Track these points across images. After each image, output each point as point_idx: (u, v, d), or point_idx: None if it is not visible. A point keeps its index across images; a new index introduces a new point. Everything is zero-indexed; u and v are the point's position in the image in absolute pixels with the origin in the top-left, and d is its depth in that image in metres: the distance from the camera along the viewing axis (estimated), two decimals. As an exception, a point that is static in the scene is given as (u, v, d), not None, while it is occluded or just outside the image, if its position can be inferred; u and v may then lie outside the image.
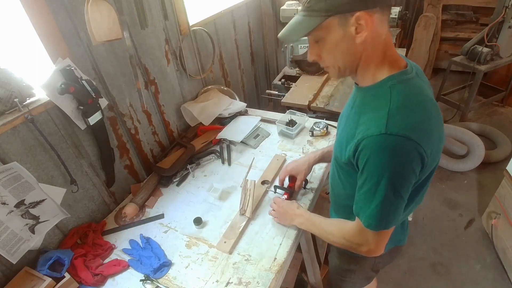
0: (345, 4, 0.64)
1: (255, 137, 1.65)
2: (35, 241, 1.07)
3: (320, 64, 0.78)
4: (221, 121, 1.78)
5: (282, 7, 2.50)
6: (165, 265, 1.08)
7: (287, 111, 1.74)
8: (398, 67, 0.73)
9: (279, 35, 0.75)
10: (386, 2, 0.68)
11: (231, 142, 1.64)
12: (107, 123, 1.28)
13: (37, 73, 1.07)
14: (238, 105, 1.82)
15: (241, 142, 1.61)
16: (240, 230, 1.15)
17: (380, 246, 0.80)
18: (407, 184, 0.69)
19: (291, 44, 2.14)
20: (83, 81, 1.09)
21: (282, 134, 1.67)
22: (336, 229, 0.91)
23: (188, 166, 1.50)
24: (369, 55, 0.71)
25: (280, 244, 1.10)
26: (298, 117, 1.67)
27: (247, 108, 1.87)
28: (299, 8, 0.74)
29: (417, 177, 0.70)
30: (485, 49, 2.72)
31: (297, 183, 1.22)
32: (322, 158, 1.22)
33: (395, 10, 2.09)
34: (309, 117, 1.75)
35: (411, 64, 0.75)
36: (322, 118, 1.79)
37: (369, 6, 0.64)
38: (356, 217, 0.80)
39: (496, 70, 3.01)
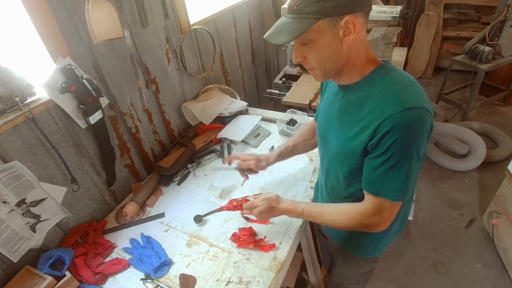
0: (335, 7, 0.67)
1: (256, 136, 1.65)
2: (36, 240, 1.07)
3: (304, 66, 0.80)
4: (222, 120, 1.78)
5: (283, 6, 2.49)
6: (165, 264, 1.08)
7: (288, 110, 1.74)
8: (378, 61, 0.79)
9: (266, 35, 0.76)
10: (369, 7, 0.72)
11: (231, 141, 1.64)
12: (107, 122, 1.28)
13: (38, 72, 1.07)
14: (239, 104, 1.81)
15: (242, 141, 1.61)
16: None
17: (393, 217, 0.83)
18: (424, 151, 0.75)
19: (292, 44, 2.14)
20: (84, 80, 1.10)
21: (282, 133, 1.67)
22: (346, 217, 0.87)
23: (189, 165, 1.50)
24: (354, 56, 0.75)
25: (280, 243, 1.10)
26: (299, 116, 1.67)
27: (248, 107, 1.87)
28: (286, 10, 0.74)
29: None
30: (487, 48, 2.71)
31: (246, 162, 1.22)
32: (280, 155, 1.23)
33: (396, 9, 2.08)
34: (310, 116, 1.74)
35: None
36: (323, 117, 1.79)
37: (356, 10, 0.68)
38: (371, 197, 0.80)
39: (497, 69, 3.00)
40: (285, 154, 1.25)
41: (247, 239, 1.10)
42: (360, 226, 0.86)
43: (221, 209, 1.12)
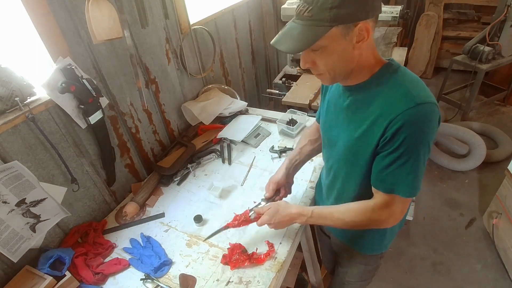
0: (350, 14, 0.65)
1: (256, 136, 1.65)
2: (36, 240, 1.07)
3: (312, 71, 0.79)
4: (222, 120, 1.78)
5: (283, 6, 2.50)
6: (165, 264, 1.08)
7: (288, 110, 1.74)
8: (383, 60, 0.79)
9: (273, 41, 0.73)
10: (380, 11, 0.71)
11: (231, 141, 1.64)
12: (107, 122, 1.28)
13: (38, 72, 1.07)
14: (239, 104, 1.81)
15: (242, 141, 1.61)
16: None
17: (404, 212, 0.83)
18: (433, 142, 0.76)
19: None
20: (84, 80, 1.10)
21: (282, 133, 1.67)
22: (355, 214, 0.87)
23: (189, 165, 1.50)
24: (363, 60, 0.75)
25: (280, 243, 1.10)
26: (299, 116, 1.67)
27: (248, 107, 1.87)
28: (294, 15, 0.70)
29: None
30: (487, 48, 2.71)
31: (281, 194, 1.13)
32: (290, 163, 1.14)
33: (396, 9, 2.08)
34: (310, 116, 1.74)
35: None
36: (323, 117, 1.79)
37: (369, 16, 0.67)
38: (380, 194, 0.80)
39: (497, 69, 3.00)
40: (294, 160, 1.14)
41: (239, 258, 1.05)
42: (370, 222, 0.85)
43: (227, 226, 1.09)
